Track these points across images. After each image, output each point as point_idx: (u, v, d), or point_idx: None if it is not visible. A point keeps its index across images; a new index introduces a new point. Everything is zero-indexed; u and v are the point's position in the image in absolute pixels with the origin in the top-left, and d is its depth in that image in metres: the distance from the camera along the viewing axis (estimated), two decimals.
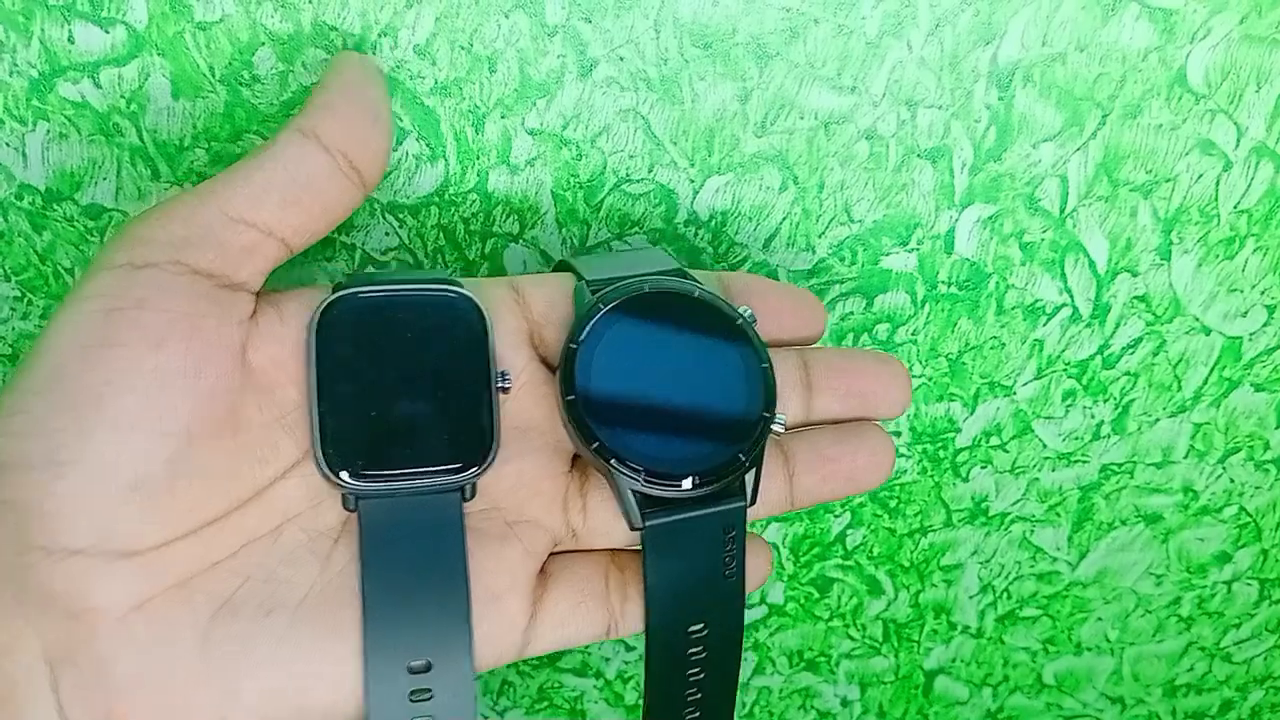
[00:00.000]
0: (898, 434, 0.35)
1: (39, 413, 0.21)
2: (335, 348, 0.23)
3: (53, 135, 0.27)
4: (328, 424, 0.23)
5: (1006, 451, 0.36)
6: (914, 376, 0.34)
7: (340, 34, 0.26)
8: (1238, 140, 0.29)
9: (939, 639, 0.42)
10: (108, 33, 0.26)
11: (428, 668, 0.23)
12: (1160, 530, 0.39)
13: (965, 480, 0.37)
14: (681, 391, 0.25)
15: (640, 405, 0.25)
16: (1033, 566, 0.40)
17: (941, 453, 0.36)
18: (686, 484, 0.24)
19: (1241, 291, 0.32)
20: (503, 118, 0.28)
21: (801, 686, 0.44)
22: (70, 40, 0.26)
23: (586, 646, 0.39)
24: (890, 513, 0.38)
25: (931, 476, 0.37)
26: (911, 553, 0.39)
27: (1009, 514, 0.38)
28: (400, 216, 0.29)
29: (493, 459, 0.24)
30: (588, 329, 0.25)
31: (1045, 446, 0.36)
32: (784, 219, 0.30)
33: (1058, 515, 0.38)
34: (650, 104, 0.28)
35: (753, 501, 0.25)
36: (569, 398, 0.24)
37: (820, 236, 0.30)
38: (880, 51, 0.27)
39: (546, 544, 0.25)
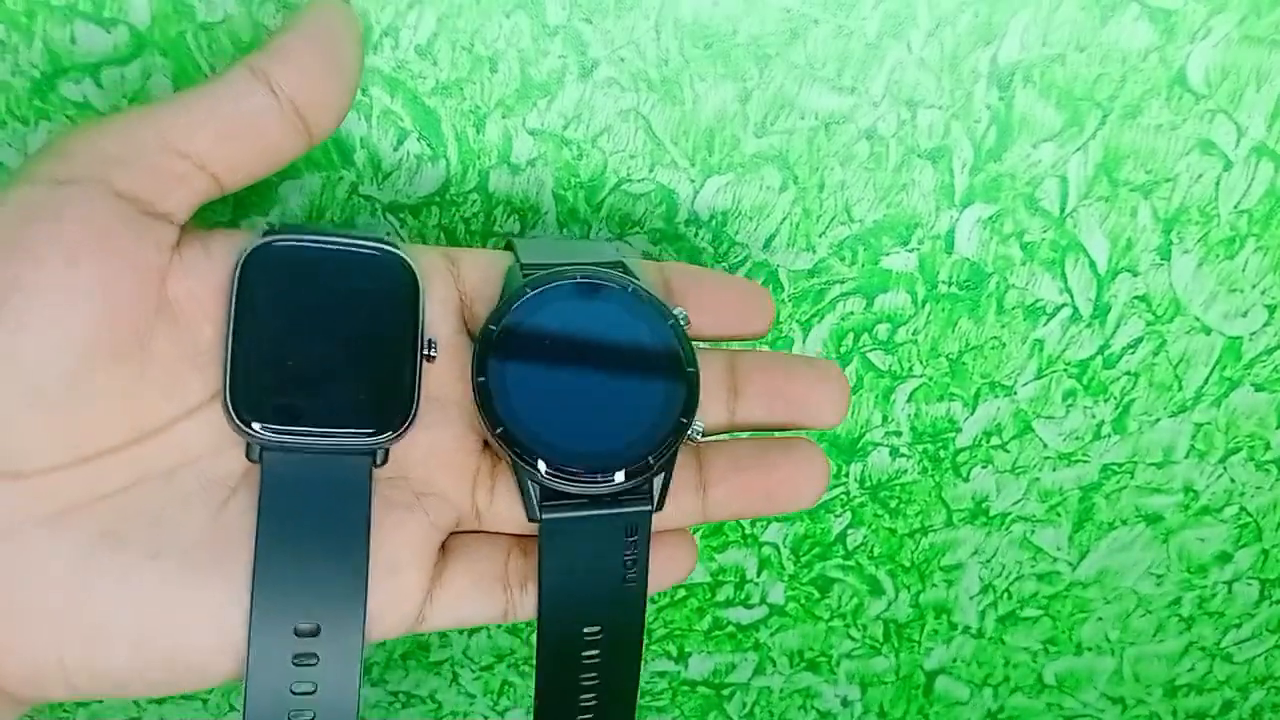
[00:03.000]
0: (898, 433, 0.35)
1: None
2: (258, 292, 0.22)
3: (54, 135, 0.27)
4: (240, 368, 0.22)
5: (1007, 451, 0.36)
6: (914, 376, 0.34)
7: None
8: (1238, 140, 0.29)
9: (939, 639, 0.42)
10: (110, 33, 0.26)
11: (316, 631, 0.22)
12: (1161, 530, 0.39)
13: (966, 480, 0.37)
14: (597, 387, 0.24)
15: (551, 397, 0.24)
16: (1033, 566, 0.40)
17: (942, 452, 0.36)
18: (588, 482, 0.23)
19: (1242, 291, 0.32)
20: (504, 118, 0.28)
21: (802, 686, 0.44)
22: (72, 40, 0.26)
23: None
24: (891, 513, 0.38)
25: (932, 476, 0.37)
26: (912, 553, 0.39)
27: (1009, 514, 0.38)
28: (401, 216, 0.29)
29: (409, 426, 0.23)
30: (508, 313, 0.24)
31: (1046, 446, 0.36)
32: (784, 219, 0.30)
33: (1058, 515, 0.38)
34: (651, 104, 0.28)
35: (659, 508, 0.24)
36: (480, 379, 0.23)
37: (820, 236, 0.30)
38: (880, 52, 0.27)
39: (451, 520, 0.24)
